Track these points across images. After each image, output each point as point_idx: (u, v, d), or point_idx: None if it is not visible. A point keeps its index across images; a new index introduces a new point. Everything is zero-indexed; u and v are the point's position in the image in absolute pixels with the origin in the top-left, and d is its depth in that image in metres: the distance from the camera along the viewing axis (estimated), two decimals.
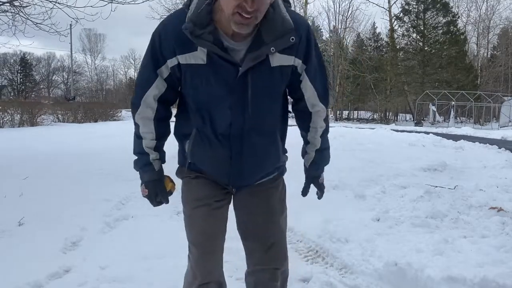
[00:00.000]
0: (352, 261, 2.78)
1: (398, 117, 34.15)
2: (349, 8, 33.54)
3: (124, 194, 4.56)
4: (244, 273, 1.67)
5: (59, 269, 2.64)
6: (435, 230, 3.30)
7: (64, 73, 51.96)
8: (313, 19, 34.70)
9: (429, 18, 30.63)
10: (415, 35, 31.10)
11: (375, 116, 34.43)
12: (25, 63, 50.32)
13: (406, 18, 31.03)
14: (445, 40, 30.19)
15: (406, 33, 31.39)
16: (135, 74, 50.26)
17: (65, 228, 3.35)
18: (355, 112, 38.00)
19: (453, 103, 24.55)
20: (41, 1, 6.26)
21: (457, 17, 32.10)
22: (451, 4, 32.18)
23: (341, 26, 33.55)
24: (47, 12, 6.41)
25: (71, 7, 6.26)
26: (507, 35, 35.02)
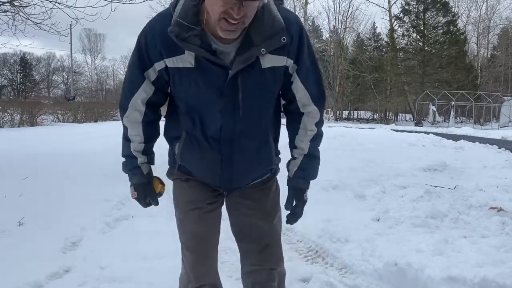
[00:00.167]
0: (352, 261, 2.78)
1: (398, 117, 34.17)
2: (349, 8, 33.66)
3: (124, 194, 4.53)
4: (240, 274, 1.65)
5: (59, 269, 2.64)
6: (435, 230, 3.30)
7: (64, 73, 51.87)
8: (313, 19, 34.82)
9: (429, 18, 30.63)
10: (415, 35, 31.13)
11: (375, 116, 34.48)
12: (25, 63, 50.18)
13: (406, 18, 31.05)
14: (445, 40, 30.20)
15: (406, 33, 31.41)
16: None
17: (65, 228, 3.35)
18: (355, 112, 38.06)
19: (453, 103, 24.56)
20: (41, 1, 6.27)
21: (457, 17, 32.10)
22: (451, 4, 32.26)
23: (341, 26, 33.66)
24: (47, 12, 6.43)
25: (71, 7, 6.27)
26: (507, 35, 35.02)
